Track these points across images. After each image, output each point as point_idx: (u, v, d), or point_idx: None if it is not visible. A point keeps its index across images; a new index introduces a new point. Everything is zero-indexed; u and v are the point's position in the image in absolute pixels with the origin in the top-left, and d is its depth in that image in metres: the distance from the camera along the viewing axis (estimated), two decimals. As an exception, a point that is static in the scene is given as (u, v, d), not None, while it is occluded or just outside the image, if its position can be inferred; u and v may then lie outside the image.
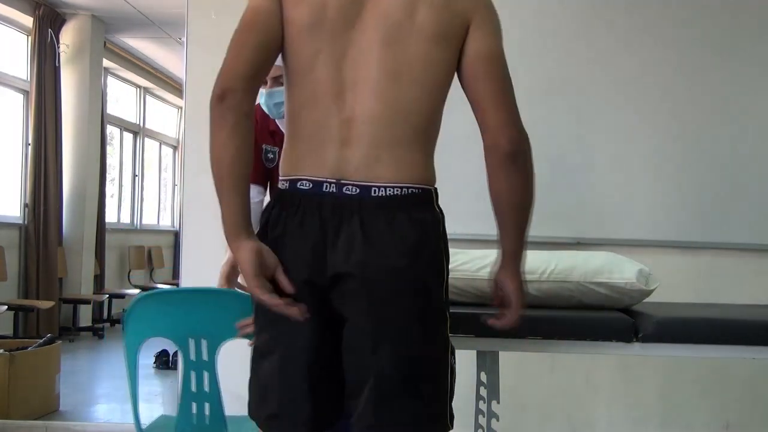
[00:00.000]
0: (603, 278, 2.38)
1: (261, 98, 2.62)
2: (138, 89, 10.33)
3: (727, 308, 2.72)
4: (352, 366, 1.68)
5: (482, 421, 2.62)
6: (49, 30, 7.45)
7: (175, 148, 11.58)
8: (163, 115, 11.31)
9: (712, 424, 4.01)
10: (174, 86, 10.43)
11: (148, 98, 10.61)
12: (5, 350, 4.34)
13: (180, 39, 7.74)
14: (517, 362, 2.96)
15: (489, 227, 2.05)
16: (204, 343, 2.09)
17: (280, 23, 1.67)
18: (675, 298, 2.90)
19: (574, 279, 2.39)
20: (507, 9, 4.02)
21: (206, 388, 2.10)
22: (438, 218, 1.73)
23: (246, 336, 1.98)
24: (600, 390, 4.04)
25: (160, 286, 9.34)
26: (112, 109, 9.52)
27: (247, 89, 1.65)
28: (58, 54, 7.58)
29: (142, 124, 10.46)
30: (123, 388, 5.03)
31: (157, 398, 5.18)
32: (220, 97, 1.63)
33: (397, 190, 1.65)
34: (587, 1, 3.99)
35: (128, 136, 10.19)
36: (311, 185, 1.65)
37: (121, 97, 10.07)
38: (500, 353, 2.42)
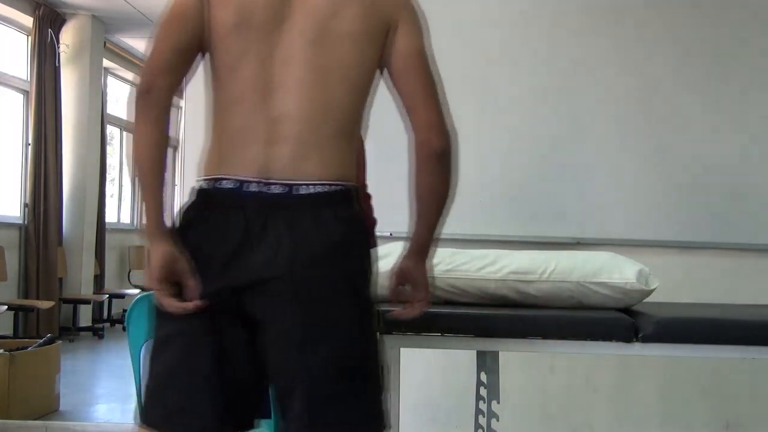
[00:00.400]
0: (603, 278, 2.38)
1: None
2: (138, 89, 10.34)
3: (727, 308, 2.73)
4: (280, 368, 1.66)
5: (482, 421, 2.62)
6: (49, 30, 7.45)
7: (175, 148, 11.58)
8: (163, 115, 11.29)
9: (712, 424, 4.01)
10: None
11: (148, 98, 10.61)
12: (5, 350, 4.34)
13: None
14: (517, 362, 2.97)
15: (488, 227, 2.06)
16: None
17: (204, 22, 1.67)
18: (675, 298, 2.90)
19: (574, 279, 2.39)
20: (508, 9, 4.04)
21: None
22: (361, 216, 1.74)
23: None
24: (600, 390, 4.04)
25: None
26: (112, 109, 9.52)
27: (171, 84, 1.67)
28: (58, 54, 7.58)
29: (142, 124, 10.45)
30: (123, 388, 5.04)
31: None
32: (145, 91, 1.65)
33: (324, 188, 1.65)
34: (588, 2, 3.99)
35: (128, 137, 10.19)
36: (236, 184, 1.64)
37: (121, 97, 10.06)
38: (500, 353, 2.42)
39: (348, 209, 1.69)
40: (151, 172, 1.66)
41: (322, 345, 1.63)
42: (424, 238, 1.85)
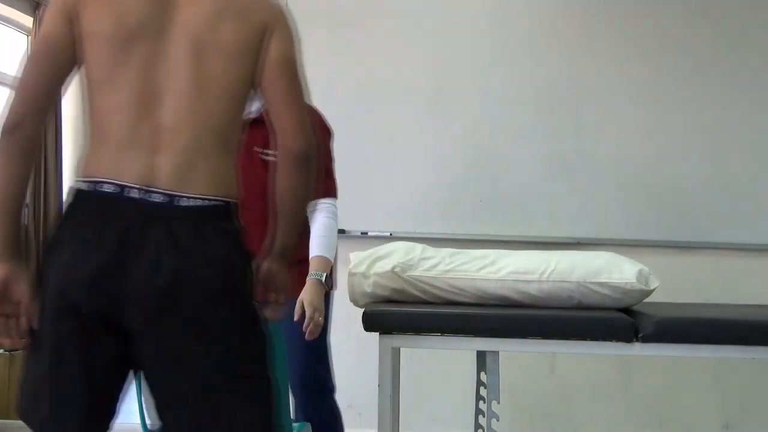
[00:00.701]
0: (603, 278, 2.38)
1: None
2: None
3: (727, 308, 2.73)
4: (161, 381, 1.65)
5: (482, 421, 2.62)
6: (49, 30, 7.43)
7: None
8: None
9: (712, 424, 4.02)
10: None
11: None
12: (5, 350, 4.34)
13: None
14: (517, 362, 2.97)
15: (488, 228, 2.06)
16: None
17: (71, 46, 1.68)
18: (675, 298, 2.90)
19: (574, 279, 2.39)
20: (508, 9, 4.05)
21: None
22: (240, 229, 1.72)
23: None
24: (600, 390, 4.04)
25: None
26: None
27: (38, 119, 1.68)
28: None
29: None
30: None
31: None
32: (12, 127, 1.64)
33: (205, 202, 1.65)
34: (589, 2, 3.99)
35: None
36: (116, 189, 1.62)
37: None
38: (500, 353, 2.42)
39: (229, 224, 1.69)
40: (5, 204, 1.65)
41: (211, 357, 1.62)
42: (286, 240, 1.87)
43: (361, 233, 3.85)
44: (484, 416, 2.48)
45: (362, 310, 2.35)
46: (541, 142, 3.92)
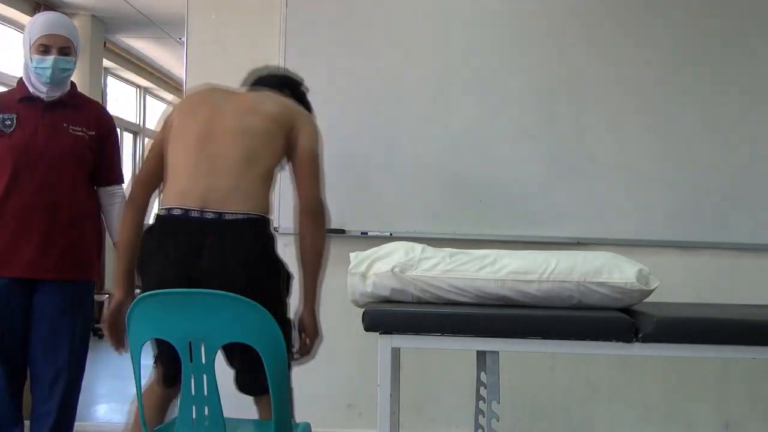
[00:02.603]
0: (603, 278, 2.38)
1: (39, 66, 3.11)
2: (138, 89, 10.33)
3: (727, 308, 2.72)
4: None
5: (482, 421, 2.62)
6: (49, 30, 7.44)
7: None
8: (163, 115, 11.28)
9: (712, 424, 4.02)
10: (174, 86, 10.42)
11: (148, 98, 10.61)
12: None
13: (180, 39, 7.73)
14: (517, 362, 2.97)
15: (488, 228, 2.06)
16: (203, 346, 2.08)
17: (166, 143, 2.62)
18: (675, 298, 2.90)
19: (574, 279, 2.39)
20: (509, 9, 4.04)
21: (205, 392, 2.09)
22: (272, 235, 2.54)
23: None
24: (600, 390, 4.04)
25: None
26: (112, 109, 9.49)
27: (146, 193, 2.67)
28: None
29: (142, 124, 10.45)
30: (123, 389, 5.04)
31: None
32: (130, 199, 2.68)
33: (245, 216, 2.46)
34: (589, 1, 3.99)
35: (128, 136, 10.18)
36: (182, 212, 2.46)
37: (121, 96, 10.06)
38: (500, 353, 2.42)
39: (264, 230, 2.51)
40: (124, 248, 2.65)
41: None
42: (311, 289, 2.57)
43: (361, 233, 3.85)
44: (484, 416, 2.48)
45: (362, 310, 2.35)
46: (541, 142, 3.91)
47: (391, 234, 3.78)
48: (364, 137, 3.89)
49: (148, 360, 2.45)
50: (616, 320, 2.31)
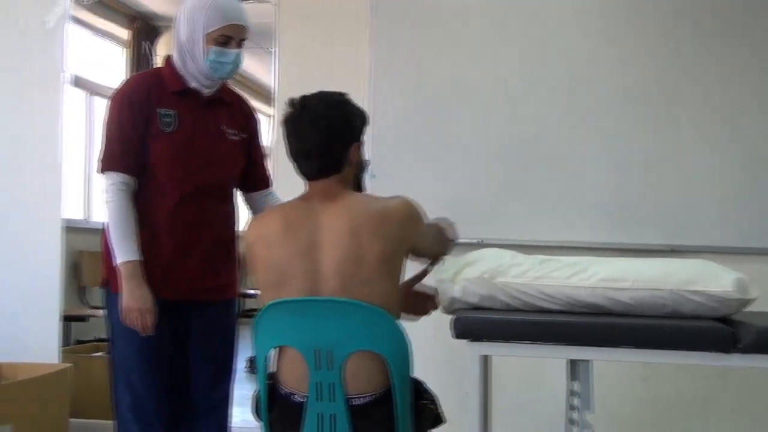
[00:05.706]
0: (699, 287, 2.31)
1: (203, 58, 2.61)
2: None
3: (831, 318, 2.62)
4: None
5: (575, 431, 2.58)
6: (145, 42, 7.71)
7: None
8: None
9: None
10: (262, 94, 10.59)
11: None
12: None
13: (268, 49, 7.88)
14: (607, 371, 2.92)
15: (579, 235, 2.03)
16: (329, 353, 2.10)
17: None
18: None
19: (668, 287, 2.33)
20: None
21: (334, 398, 2.11)
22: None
23: None
24: (695, 401, 3.95)
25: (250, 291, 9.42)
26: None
27: None
28: (153, 65, 7.81)
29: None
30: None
31: (248, 402, 5.24)
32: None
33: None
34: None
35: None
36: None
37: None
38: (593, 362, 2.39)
39: None
40: None
41: None
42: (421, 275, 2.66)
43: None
44: (576, 426, 2.44)
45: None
46: (635, 149, 3.88)
47: (481, 240, 3.77)
48: (444, 135, 3.91)
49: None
50: (714, 330, 2.25)
